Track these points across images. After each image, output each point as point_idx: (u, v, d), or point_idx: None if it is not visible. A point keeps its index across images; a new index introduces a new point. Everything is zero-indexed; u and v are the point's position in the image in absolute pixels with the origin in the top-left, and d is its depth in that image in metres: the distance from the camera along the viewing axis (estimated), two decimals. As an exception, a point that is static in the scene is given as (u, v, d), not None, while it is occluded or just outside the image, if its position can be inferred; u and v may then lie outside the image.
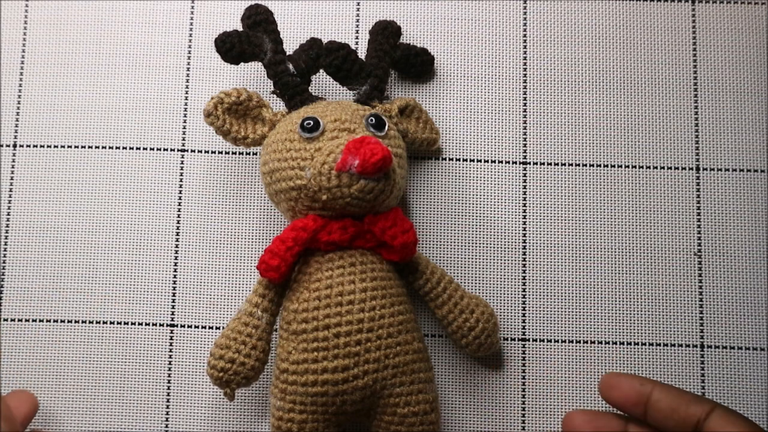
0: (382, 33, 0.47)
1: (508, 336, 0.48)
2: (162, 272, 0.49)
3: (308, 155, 0.42)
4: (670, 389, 0.40)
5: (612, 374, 0.41)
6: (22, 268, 0.49)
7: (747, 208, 0.49)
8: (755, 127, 0.50)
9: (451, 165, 0.50)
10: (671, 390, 0.40)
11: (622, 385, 0.40)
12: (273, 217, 0.49)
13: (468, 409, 0.47)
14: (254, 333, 0.43)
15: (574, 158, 0.50)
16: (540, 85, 0.51)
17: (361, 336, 0.41)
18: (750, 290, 0.48)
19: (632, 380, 0.40)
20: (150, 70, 0.51)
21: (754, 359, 0.48)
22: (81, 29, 0.52)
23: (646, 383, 0.40)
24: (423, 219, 0.49)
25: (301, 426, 0.41)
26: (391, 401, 0.42)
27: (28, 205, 0.50)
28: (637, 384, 0.40)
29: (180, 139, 0.50)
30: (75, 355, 0.48)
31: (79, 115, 0.51)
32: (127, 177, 0.50)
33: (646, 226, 0.49)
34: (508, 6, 0.51)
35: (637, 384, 0.40)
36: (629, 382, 0.40)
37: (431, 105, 0.50)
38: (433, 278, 0.45)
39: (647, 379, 0.40)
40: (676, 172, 0.50)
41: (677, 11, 0.51)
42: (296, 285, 0.43)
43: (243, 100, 0.44)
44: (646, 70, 0.51)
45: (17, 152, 0.50)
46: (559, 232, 0.49)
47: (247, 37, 0.45)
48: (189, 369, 0.48)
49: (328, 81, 0.48)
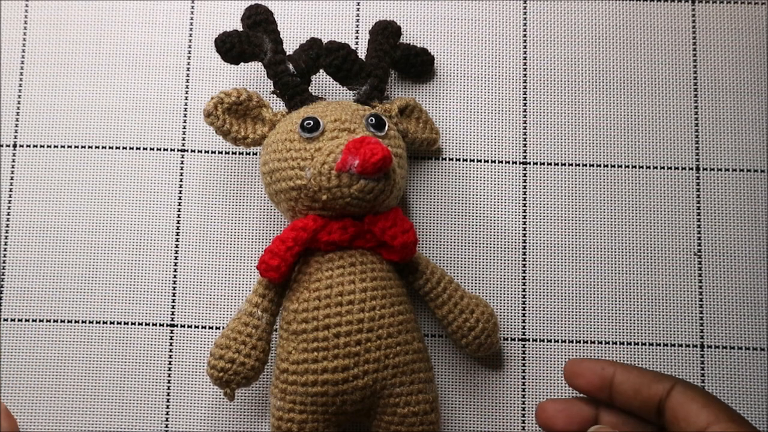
0: (382, 33, 0.47)
1: (508, 336, 0.48)
2: (162, 272, 0.49)
3: (308, 155, 0.42)
4: (632, 370, 0.40)
5: (574, 360, 0.41)
6: (22, 268, 0.49)
7: (747, 208, 0.49)
8: (755, 127, 0.50)
9: (451, 165, 0.50)
10: (633, 371, 0.40)
11: (585, 371, 0.40)
12: (273, 217, 0.49)
13: (468, 409, 0.47)
14: (254, 333, 0.43)
15: (574, 158, 0.50)
16: (540, 85, 0.51)
17: (361, 336, 0.41)
18: (750, 290, 0.48)
19: (594, 365, 0.40)
20: (150, 70, 0.51)
21: (754, 359, 0.48)
22: (81, 29, 0.52)
23: (608, 366, 0.40)
24: (423, 219, 0.49)
25: (301, 426, 0.41)
26: (391, 401, 0.42)
27: (28, 205, 0.50)
28: (598, 368, 0.40)
29: (180, 139, 0.50)
30: (75, 355, 0.48)
31: (79, 115, 0.51)
32: (127, 177, 0.50)
33: (646, 226, 0.49)
34: (508, 6, 0.51)
35: (598, 368, 0.40)
36: (591, 367, 0.40)
37: (431, 105, 0.50)
38: (433, 278, 0.45)
39: (609, 361, 0.40)
40: (676, 172, 0.50)
41: (677, 11, 0.51)
42: (296, 285, 0.43)
43: (243, 100, 0.44)
44: (646, 70, 0.51)
45: (17, 152, 0.50)
46: (559, 232, 0.49)
47: (247, 37, 0.45)
48: (189, 369, 0.48)
49: (328, 81, 0.48)
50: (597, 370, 0.40)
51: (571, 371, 0.41)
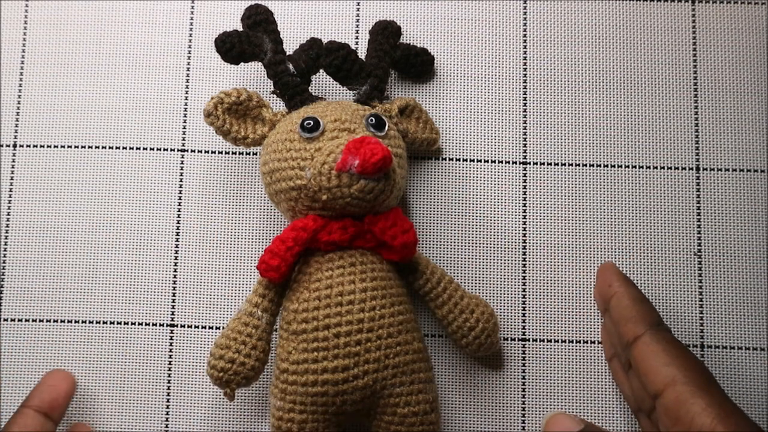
0: (382, 33, 0.47)
1: (508, 336, 0.48)
2: (162, 272, 0.49)
3: (308, 155, 0.42)
4: (624, 300, 0.39)
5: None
6: (22, 268, 0.49)
7: (747, 208, 0.49)
8: (755, 127, 0.50)
9: (451, 165, 0.50)
10: (624, 300, 0.39)
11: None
12: (273, 217, 0.49)
13: (468, 409, 0.47)
14: (254, 333, 0.43)
15: (574, 158, 0.50)
16: (540, 85, 0.51)
17: (361, 336, 0.41)
18: (750, 290, 0.48)
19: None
20: (150, 70, 0.51)
21: (754, 359, 0.47)
22: (81, 29, 0.52)
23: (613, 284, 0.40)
24: (423, 219, 0.49)
25: (301, 426, 0.41)
26: (391, 401, 0.42)
27: (28, 205, 0.50)
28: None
29: (180, 139, 0.50)
30: (75, 355, 0.48)
31: (79, 115, 0.51)
32: (127, 177, 0.50)
33: (646, 226, 0.49)
34: (508, 6, 0.51)
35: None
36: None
37: (431, 105, 0.50)
38: (433, 278, 0.45)
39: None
40: (676, 172, 0.50)
41: (677, 11, 0.51)
42: (296, 285, 0.43)
43: (243, 100, 0.44)
44: (646, 70, 0.51)
45: (17, 152, 0.50)
46: (559, 232, 0.49)
47: (247, 37, 0.45)
48: (189, 369, 0.48)
49: (328, 81, 0.48)
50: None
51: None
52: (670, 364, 0.35)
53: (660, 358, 0.35)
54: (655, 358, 0.35)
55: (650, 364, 0.35)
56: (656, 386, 0.35)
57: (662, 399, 0.35)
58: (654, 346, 0.36)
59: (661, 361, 0.35)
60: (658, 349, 0.36)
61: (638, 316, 0.38)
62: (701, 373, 0.35)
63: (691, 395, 0.34)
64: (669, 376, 0.35)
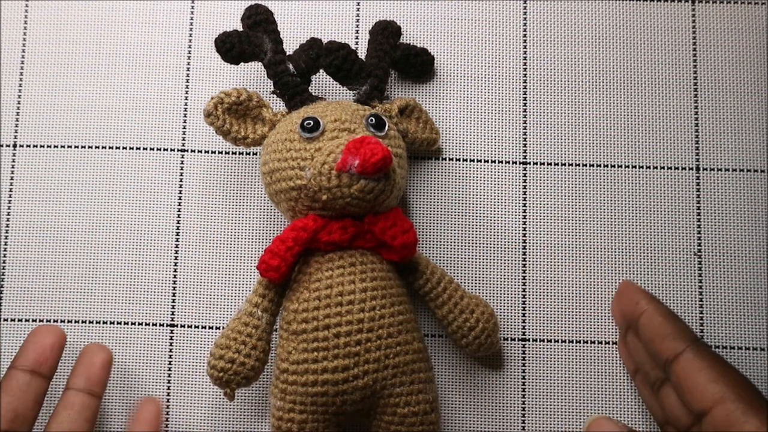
0: (382, 33, 0.47)
1: (508, 336, 0.48)
2: (162, 272, 0.49)
3: (308, 155, 0.42)
4: (656, 317, 0.38)
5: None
6: (22, 268, 0.49)
7: (747, 208, 0.49)
8: (755, 127, 0.50)
9: (451, 165, 0.50)
10: (656, 318, 0.38)
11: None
12: (273, 217, 0.49)
13: (468, 409, 0.47)
14: (254, 333, 0.43)
15: (574, 158, 0.50)
16: (540, 85, 0.51)
17: (361, 336, 0.41)
18: (750, 290, 0.48)
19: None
20: (150, 70, 0.51)
21: (754, 359, 0.47)
22: (81, 29, 0.52)
23: (642, 301, 0.40)
24: (423, 219, 0.49)
25: (301, 426, 0.41)
26: (391, 401, 0.42)
27: (28, 205, 0.50)
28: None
29: (180, 139, 0.50)
30: (75, 355, 0.48)
31: (79, 115, 0.51)
32: (127, 177, 0.50)
33: (646, 226, 0.49)
34: (508, 6, 0.51)
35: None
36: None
37: (431, 105, 0.50)
38: (433, 278, 0.45)
39: (645, 294, 0.40)
40: (676, 172, 0.50)
41: (677, 11, 0.51)
42: (296, 285, 0.43)
43: (243, 100, 0.44)
44: (646, 70, 0.51)
45: (17, 152, 0.50)
46: (559, 232, 0.49)
47: (247, 37, 0.45)
48: (189, 369, 0.48)
49: (328, 81, 0.48)
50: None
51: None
52: (716, 380, 0.34)
53: (705, 374, 0.34)
54: (700, 375, 0.34)
55: (695, 381, 0.34)
56: (703, 404, 0.33)
57: (710, 417, 0.34)
58: (698, 362, 0.35)
59: (707, 378, 0.34)
60: (703, 366, 0.35)
61: (675, 333, 0.37)
62: (749, 389, 0.34)
63: (743, 414, 0.33)
64: (717, 393, 0.34)
